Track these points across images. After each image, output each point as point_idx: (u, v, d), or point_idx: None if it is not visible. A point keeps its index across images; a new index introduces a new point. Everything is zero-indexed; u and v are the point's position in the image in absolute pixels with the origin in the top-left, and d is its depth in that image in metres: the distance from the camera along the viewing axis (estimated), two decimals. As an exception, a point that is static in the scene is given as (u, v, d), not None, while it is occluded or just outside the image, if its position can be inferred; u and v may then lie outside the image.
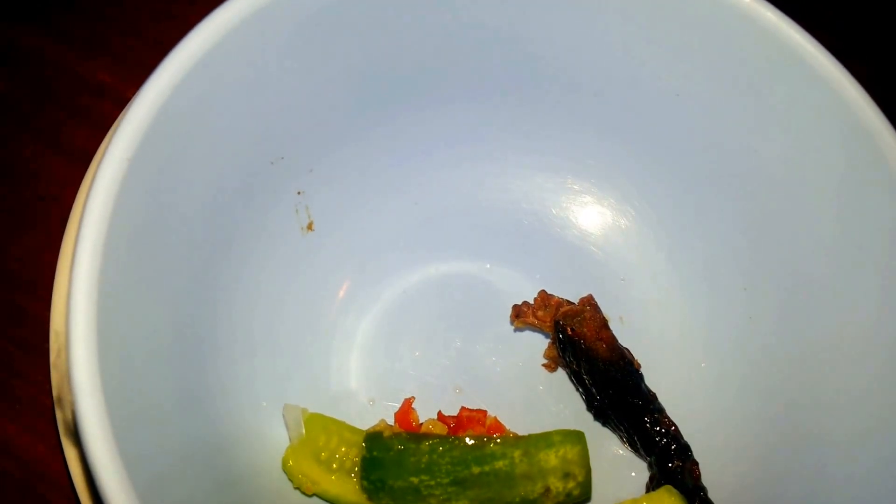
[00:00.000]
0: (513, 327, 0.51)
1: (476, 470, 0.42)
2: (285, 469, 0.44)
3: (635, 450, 0.47)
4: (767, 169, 0.47)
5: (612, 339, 0.47)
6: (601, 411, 0.48)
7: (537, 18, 0.46)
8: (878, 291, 0.43)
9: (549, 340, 0.50)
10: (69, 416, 0.38)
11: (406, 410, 0.47)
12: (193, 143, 0.40)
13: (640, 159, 0.51)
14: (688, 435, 0.46)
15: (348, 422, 0.46)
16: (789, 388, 0.45)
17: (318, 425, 0.45)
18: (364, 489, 0.43)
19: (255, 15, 0.40)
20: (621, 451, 0.48)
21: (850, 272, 0.44)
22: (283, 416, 0.46)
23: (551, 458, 0.42)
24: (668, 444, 0.45)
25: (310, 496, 0.44)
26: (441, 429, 0.45)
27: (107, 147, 0.36)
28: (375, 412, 0.48)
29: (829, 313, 0.44)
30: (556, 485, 0.42)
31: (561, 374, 0.50)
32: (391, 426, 0.45)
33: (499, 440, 0.42)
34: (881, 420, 0.41)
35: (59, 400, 0.38)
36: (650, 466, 0.46)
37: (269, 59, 0.42)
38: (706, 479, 0.45)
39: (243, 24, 0.40)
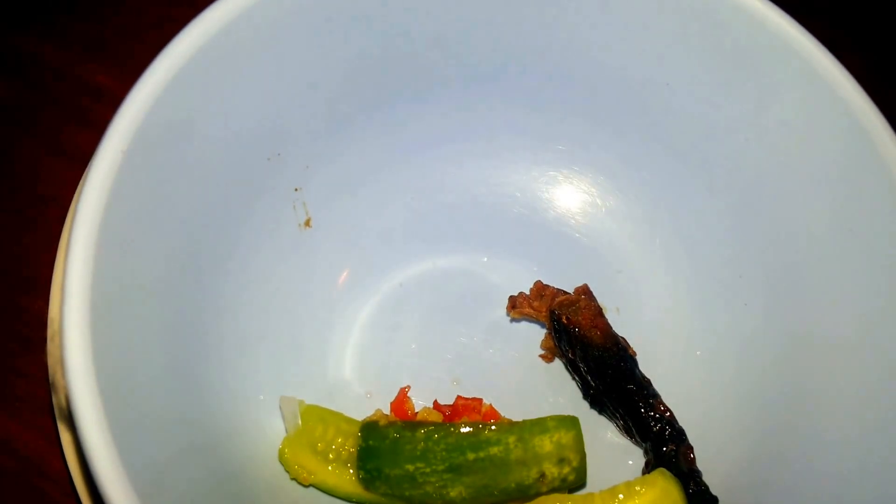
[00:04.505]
0: (509, 318, 0.51)
1: (471, 456, 0.42)
2: (282, 460, 0.45)
3: (631, 437, 0.47)
4: (760, 158, 0.47)
5: (607, 327, 0.47)
6: (597, 399, 0.48)
7: (531, 13, 0.47)
8: (869, 279, 0.43)
9: (545, 331, 0.50)
10: (63, 401, 0.38)
11: (402, 399, 0.47)
12: (189, 138, 0.40)
13: (635, 152, 0.52)
14: (683, 421, 0.46)
15: (345, 413, 0.46)
16: (783, 375, 0.45)
17: (315, 416, 0.45)
18: (361, 479, 0.43)
19: (250, 11, 0.41)
20: (617, 439, 0.48)
21: (844, 260, 0.44)
22: (280, 407, 0.46)
23: (546, 444, 0.42)
24: (663, 429, 0.45)
25: (306, 487, 0.45)
26: (437, 417, 0.45)
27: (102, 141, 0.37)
28: (372, 403, 0.48)
29: (824, 301, 0.45)
30: (552, 470, 0.42)
31: (558, 364, 0.50)
32: (387, 415, 0.45)
33: (493, 426, 0.42)
34: (872, 406, 0.41)
35: (54, 385, 0.39)
36: (646, 452, 0.46)
37: (264, 54, 0.43)
38: (700, 464, 0.45)
39: (238, 20, 0.41)
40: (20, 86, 0.59)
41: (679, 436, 0.45)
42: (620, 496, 0.42)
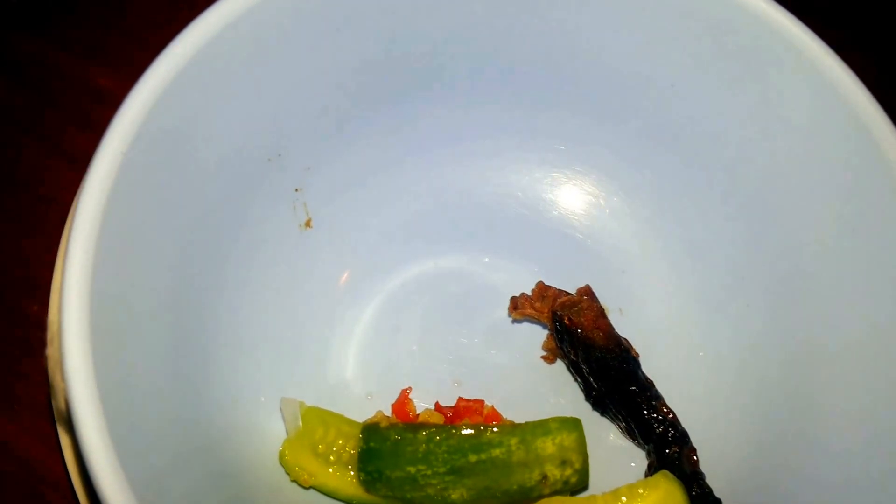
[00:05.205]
0: (511, 319, 0.51)
1: (473, 458, 0.41)
2: (282, 462, 0.45)
3: (633, 438, 0.47)
4: (764, 159, 0.47)
5: (609, 328, 0.47)
6: (599, 400, 0.48)
7: (535, 14, 0.46)
8: (873, 280, 0.42)
9: (547, 332, 0.50)
10: (62, 404, 0.38)
11: (403, 401, 0.46)
12: (189, 139, 0.40)
13: (639, 153, 0.51)
14: (686, 423, 0.46)
15: (346, 415, 0.46)
16: (787, 376, 0.45)
17: (316, 418, 0.45)
18: (361, 481, 0.43)
19: (250, 11, 0.41)
20: (620, 441, 0.48)
21: (847, 262, 0.43)
22: (281, 409, 0.46)
23: (548, 446, 0.41)
24: (666, 431, 0.45)
25: (307, 489, 0.44)
26: (438, 419, 0.45)
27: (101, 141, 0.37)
28: (373, 405, 0.48)
29: (827, 304, 0.44)
30: (554, 472, 0.41)
31: (559, 365, 0.50)
32: (388, 417, 0.45)
33: (495, 428, 0.42)
34: (877, 408, 0.40)
35: (53, 387, 0.38)
36: (649, 455, 0.46)
37: (264, 55, 0.42)
38: (704, 465, 0.45)
39: (238, 21, 0.40)
40: (21, 88, 0.59)
41: (682, 438, 0.45)
42: (623, 499, 0.42)
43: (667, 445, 0.45)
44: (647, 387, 0.46)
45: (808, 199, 0.45)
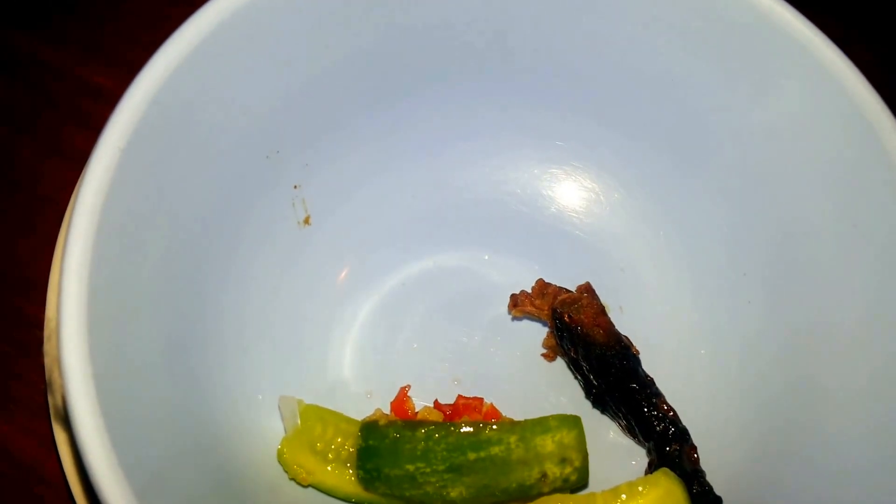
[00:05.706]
0: (511, 317, 0.51)
1: (472, 456, 0.41)
2: (280, 460, 0.44)
3: (634, 436, 0.47)
4: (764, 154, 0.47)
5: (609, 325, 0.47)
6: (599, 398, 0.48)
7: (534, 10, 0.46)
8: (873, 274, 0.42)
9: (547, 329, 0.50)
10: (59, 401, 0.38)
11: (402, 399, 0.46)
12: (187, 135, 0.40)
13: (638, 149, 0.51)
14: (687, 420, 0.46)
15: (344, 412, 0.45)
16: (787, 373, 0.45)
17: (314, 416, 0.45)
18: (360, 479, 0.43)
19: (248, 6, 0.41)
20: (620, 439, 0.48)
21: (847, 256, 0.43)
22: (279, 407, 0.45)
23: (548, 444, 0.41)
24: (667, 429, 0.45)
25: (305, 487, 0.44)
26: (437, 416, 0.45)
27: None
28: (372, 403, 0.48)
29: (827, 298, 0.44)
30: (553, 470, 0.41)
31: (560, 363, 0.50)
32: (387, 415, 0.45)
33: (495, 426, 0.42)
34: (878, 403, 0.40)
35: (51, 385, 0.38)
36: (649, 452, 0.46)
37: (262, 51, 0.42)
38: (704, 463, 0.45)
39: (236, 16, 0.40)
40: (19, 86, 0.59)
41: (682, 435, 0.45)
42: (623, 496, 0.42)
43: (667, 443, 0.44)
44: (648, 384, 0.46)
45: (809, 193, 0.45)
